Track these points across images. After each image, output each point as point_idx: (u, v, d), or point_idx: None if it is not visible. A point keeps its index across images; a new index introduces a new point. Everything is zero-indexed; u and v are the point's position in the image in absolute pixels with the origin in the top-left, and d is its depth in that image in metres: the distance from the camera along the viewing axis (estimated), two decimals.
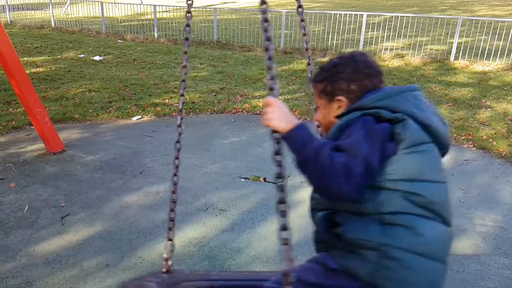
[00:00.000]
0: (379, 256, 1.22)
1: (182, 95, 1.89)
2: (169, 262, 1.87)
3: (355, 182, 1.14)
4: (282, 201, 1.23)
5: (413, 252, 1.21)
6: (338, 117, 1.34)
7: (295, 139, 1.22)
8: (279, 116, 1.23)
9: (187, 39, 1.82)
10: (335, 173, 1.14)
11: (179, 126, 1.90)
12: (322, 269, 1.38)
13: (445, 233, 1.28)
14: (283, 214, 1.24)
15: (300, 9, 1.86)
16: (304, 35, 1.99)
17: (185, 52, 1.85)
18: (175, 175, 1.91)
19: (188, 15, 1.79)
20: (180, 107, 1.89)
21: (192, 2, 1.77)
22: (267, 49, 1.27)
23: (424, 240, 1.22)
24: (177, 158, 1.90)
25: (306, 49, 1.97)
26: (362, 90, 1.33)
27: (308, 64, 1.96)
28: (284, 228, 1.25)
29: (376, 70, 1.38)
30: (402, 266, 1.21)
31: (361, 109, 1.28)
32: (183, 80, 1.89)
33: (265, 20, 1.30)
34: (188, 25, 1.82)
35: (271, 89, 1.24)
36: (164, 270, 1.85)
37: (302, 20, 1.95)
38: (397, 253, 1.21)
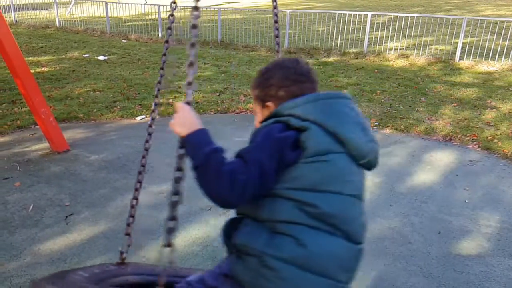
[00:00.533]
0: (258, 264, 1.19)
1: (157, 96, 1.89)
2: (124, 255, 1.90)
3: (239, 190, 1.13)
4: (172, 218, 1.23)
5: (292, 264, 1.16)
6: (262, 123, 1.34)
7: (190, 144, 1.23)
8: (184, 121, 1.25)
9: (167, 42, 1.85)
10: (220, 181, 1.13)
11: (150, 126, 1.94)
12: (219, 273, 1.41)
13: (344, 248, 1.20)
14: (170, 230, 1.23)
15: (275, 10, 1.93)
16: (277, 36, 2.02)
17: (164, 54, 1.86)
18: (140, 173, 1.97)
19: (171, 18, 1.85)
20: (152, 107, 1.92)
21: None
22: (191, 61, 1.29)
23: (307, 253, 1.16)
24: (144, 157, 1.94)
25: (277, 52, 2.00)
26: (290, 96, 1.30)
27: (277, 52, 2.01)
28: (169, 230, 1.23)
29: (307, 76, 1.34)
30: (278, 277, 1.17)
31: (276, 116, 1.26)
32: (159, 82, 1.92)
33: (194, 26, 1.33)
34: (169, 28, 1.86)
35: (186, 94, 1.29)
36: (117, 262, 1.88)
37: (276, 22, 2.00)
38: (275, 263, 1.17)
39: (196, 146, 1.22)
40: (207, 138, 1.24)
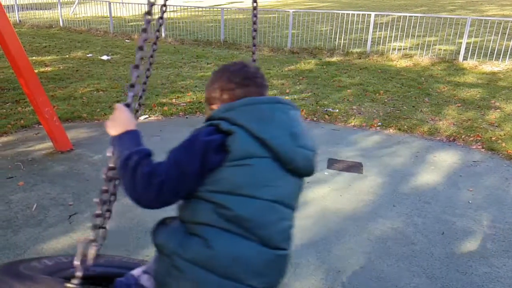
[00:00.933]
0: (169, 264, 1.21)
1: (141, 97, 1.80)
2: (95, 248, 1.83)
3: (155, 191, 1.15)
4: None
5: (197, 265, 1.17)
6: None
7: (116, 144, 1.27)
8: (117, 122, 1.31)
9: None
10: (137, 181, 1.16)
11: None
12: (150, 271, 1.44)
13: (256, 252, 1.19)
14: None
15: (255, 11, 1.98)
16: (255, 30, 2.03)
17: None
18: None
19: (153, 18, 1.90)
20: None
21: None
22: (137, 65, 1.33)
23: (213, 254, 1.16)
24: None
25: (253, 53, 2.03)
26: (233, 99, 1.31)
27: (254, 60, 2.00)
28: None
29: (252, 80, 1.34)
30: (183, 278, 1.18)
31: (212, 119, 1.28)
32: (144, 83, 1.90)
33: (144, 30, 1.36)
34: (153, 21, 1.91)
35: (127, 96, 1.34)
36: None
37: (255, 20, 2.02)
38: (181, 263, 1.18)
39: (121, 147, 1.26)
40: (133, 140, 1.28)
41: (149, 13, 1.36)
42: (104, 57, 9.50)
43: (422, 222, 3.50)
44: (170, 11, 14.12)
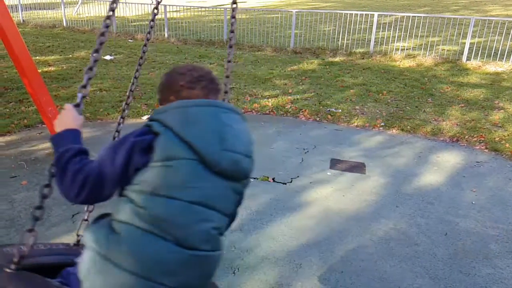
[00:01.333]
0: (87, 257, 1.26)
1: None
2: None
3: (78, 187, 1.21)
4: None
5: (109, 261, 1.20)
6: None
7: (54, 141, 1.34)
8: (62, 121, 1.39)
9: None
10: (65, 177, 1.23)
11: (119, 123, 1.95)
12: None
13: (169, 252, 1.21)
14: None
15: (233, 12, 2.00)
16: (232, 31, 2.02)
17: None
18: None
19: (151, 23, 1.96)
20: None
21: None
22: (91, 66, 1.41)
23: (125, 252, 1.19)
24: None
25: (230, 46, 2.00)
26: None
27: (229, 61, 1.99)
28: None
29: (198, 84, 1.35)
30: (97, 272, 1.22)
31: (151, 120, 1.31)
32: (132, 84, 1.90)
33: (102, 34, 1.43)
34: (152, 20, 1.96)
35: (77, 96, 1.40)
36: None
37: (233, 17, 2.02)
38: (97, 258, 1.22)
39: (58, 143, 1.32)
40: (71, 138, 1.34)
41: (108, 17, 1.45)
42: (107, 57, 9.51)
43: (425, 223, 3.49)
44: (173, 11, 14.14)
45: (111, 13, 1.67)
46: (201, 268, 1.26)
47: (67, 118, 1.40)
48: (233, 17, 2.01)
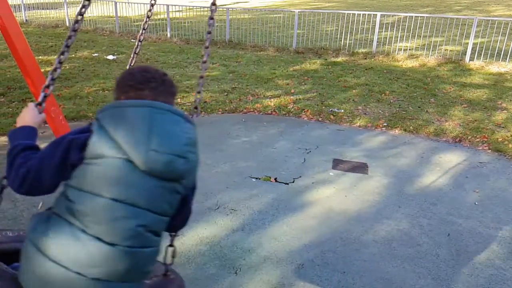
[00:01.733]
0: (25, 245, 1.33)
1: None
2: None
3: (19, 180, 1.31)
4: None
5: (37, 248, 1.28)
6: None
7: (9, 136, 1.46)
8: (22, 118, 1.54)
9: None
10: (10, 171, 1.35)
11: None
12: None
13: (90, 245, 1.25)
14: None
15: (213, 7, 2.04)
16: (209, 33, 2.02)
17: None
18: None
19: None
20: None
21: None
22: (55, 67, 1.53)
23: (50, 241, 1.27)
24: None
25: (207, 47, 2.00)
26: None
27: (204, 62, 2.00)
28: None
29: (146, 84, 1.37)
30: (27, 258, 1.30)
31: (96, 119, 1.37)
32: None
33: (69, 37, 1.52)
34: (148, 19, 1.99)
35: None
36: None
37: (211, 18, 2.03)
38: (29, 245, 1.30)
39: (11, 138, 1.45)
40: (24, 134, 1.46)
41: (77, 21, 1.53)
42: (110, 57, 9.53)
43: (427, 224, 3.48)
44: (175, 11, 14.15)
45: (79, 17, 1.77)
46: (125, 262, 1.30)
47: (26, 116, 1.55)
48: (211, 18, 2.02)
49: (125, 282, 1.32)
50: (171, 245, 1.70)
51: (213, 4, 2.06)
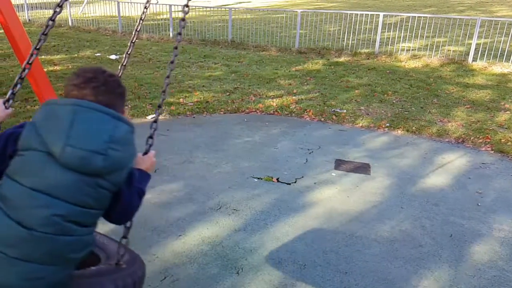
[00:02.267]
0: None
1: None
2: None
3: None
4: None
5: None
6: None
7: None
8: None
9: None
10: None
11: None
12: None
13: (10, 228, 1.37)
14: None
15: (186, 8, 2.09)
16: (179, 34, 2.03)
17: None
18: None
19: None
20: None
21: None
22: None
23: None
24: None
25: (175, 48, 2.03)
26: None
27: (171, 62, 2.03)
28: None
29: (76, 85, 1.47)
30: None
31: None
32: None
33: (44, 33, 1.70)
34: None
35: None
36: None
37: (183, 20, 2.04)
38: None
39: None
40: None
41: (52, 20, 1.65)
42: (113, 57, 9.55)
43: (430, 224, 3.47)
44: (178, 11, 14.16)
45: (51, 22, 1.86)
46: (42, 246, 1.39)
47: None
48: (182, 19, 2.04)
49: (46, 265, 1.40)
50: (124, 237, 1.86)
51: (186, 6, 2.12)
